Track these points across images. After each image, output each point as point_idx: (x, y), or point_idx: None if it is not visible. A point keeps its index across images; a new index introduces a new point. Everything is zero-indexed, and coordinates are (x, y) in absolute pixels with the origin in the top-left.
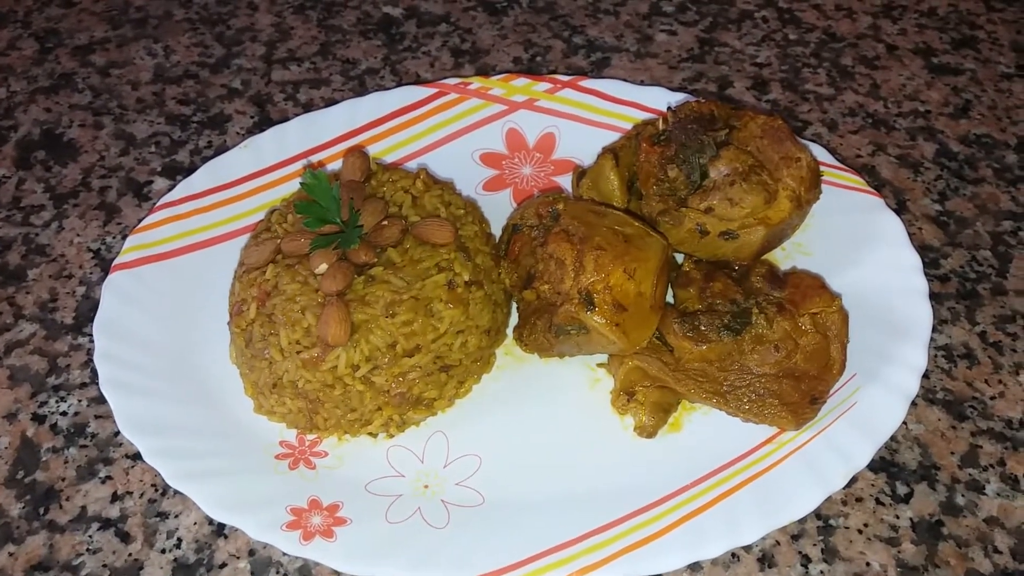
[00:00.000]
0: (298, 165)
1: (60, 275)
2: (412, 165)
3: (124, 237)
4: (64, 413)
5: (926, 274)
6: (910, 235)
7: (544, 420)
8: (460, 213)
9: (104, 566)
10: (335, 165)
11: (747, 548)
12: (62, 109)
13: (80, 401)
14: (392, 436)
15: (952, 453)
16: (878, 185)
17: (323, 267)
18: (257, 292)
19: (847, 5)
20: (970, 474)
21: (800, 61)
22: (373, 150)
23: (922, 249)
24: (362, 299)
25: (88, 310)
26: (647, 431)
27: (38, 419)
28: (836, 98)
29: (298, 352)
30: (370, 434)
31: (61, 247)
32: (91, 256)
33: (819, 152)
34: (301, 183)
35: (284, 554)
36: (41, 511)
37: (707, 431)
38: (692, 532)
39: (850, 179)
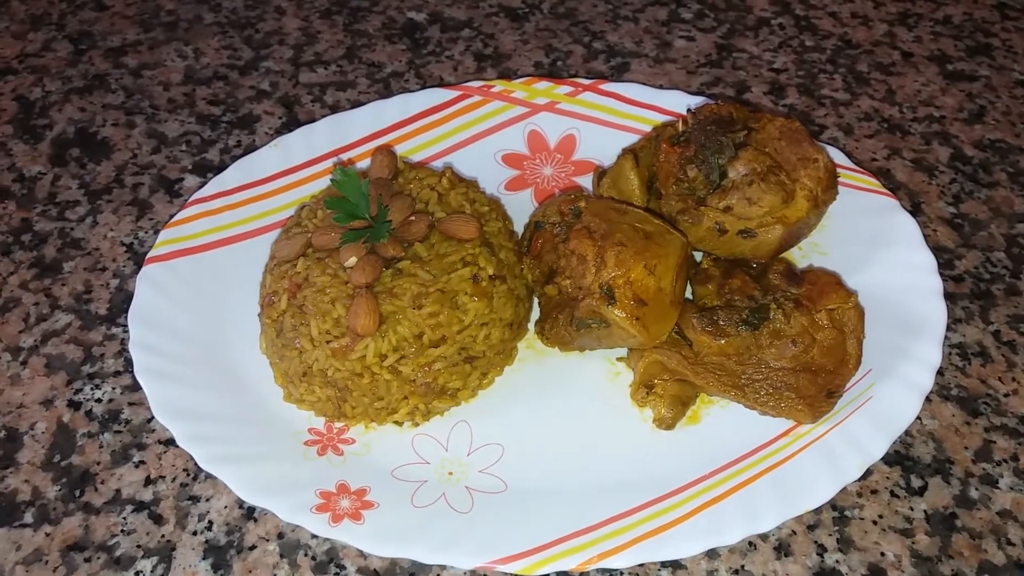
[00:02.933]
0: (326, 164)
1: (94, 268)
2: (437, 165)
3: (156, 232)
4: (99, 400)
5: (941, 274)
6: (925, 236)
7: (565, 412)
8: (484, 210)
9: (138, 547)
10: (362, 164)
11: (764, 537)
12: (96, 109)
13: (114, 388)
14: (417, 425)
15: (966, 448)
16: (893, 188)
17: (352, 260)
18: (288, 284)
19: (863, 13)
20: (984, 468)
21: (816, 67)
22: (398, 150)
23: (937, 250)
24: (390, 291)
25: (121, 301)
26: (666, 423)
27: (73, 405)
28: (852, 103)
29: (328, 342)
30: (396, 422)
31: (95, 241)
32: (124, 250)
33: (835, 155)
34: (332, 180)
35: (312, 537)
36: (77, 493)
37: (725, 424)
38: (710, 520)
39: (866, 181)
